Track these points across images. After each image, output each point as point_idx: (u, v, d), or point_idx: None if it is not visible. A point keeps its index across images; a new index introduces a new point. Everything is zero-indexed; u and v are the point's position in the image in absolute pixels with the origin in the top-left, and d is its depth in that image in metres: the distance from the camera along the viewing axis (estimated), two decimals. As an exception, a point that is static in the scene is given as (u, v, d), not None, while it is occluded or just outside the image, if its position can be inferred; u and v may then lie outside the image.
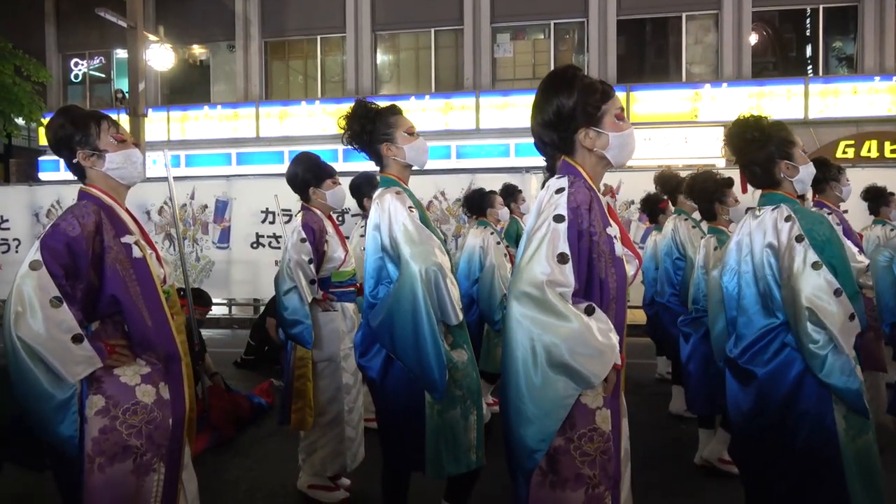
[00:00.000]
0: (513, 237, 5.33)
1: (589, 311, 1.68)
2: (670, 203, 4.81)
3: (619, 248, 1.80)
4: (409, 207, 2.34)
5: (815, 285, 2.12)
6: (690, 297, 3.70)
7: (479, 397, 2.45)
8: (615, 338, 1.70)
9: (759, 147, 2.35)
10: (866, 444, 2.19)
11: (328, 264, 3.23)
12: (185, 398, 2.07)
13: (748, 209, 3.35)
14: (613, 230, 1.81)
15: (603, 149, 1.82)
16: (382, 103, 2.56)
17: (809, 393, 2.19)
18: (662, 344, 5.23)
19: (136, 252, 2.03)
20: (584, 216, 1.73)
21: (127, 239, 2.02)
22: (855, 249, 3.34)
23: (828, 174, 3.93)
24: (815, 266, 2.14)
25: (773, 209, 2.30)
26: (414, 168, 2.53)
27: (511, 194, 5.50)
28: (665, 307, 4.31)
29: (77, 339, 1.84)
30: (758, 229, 2.32)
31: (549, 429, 1.70)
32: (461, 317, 2.37)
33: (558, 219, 1.71)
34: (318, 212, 3.29)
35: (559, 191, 1.76)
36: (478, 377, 2.47)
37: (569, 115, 1.81)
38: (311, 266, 3.13)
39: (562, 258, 1.67)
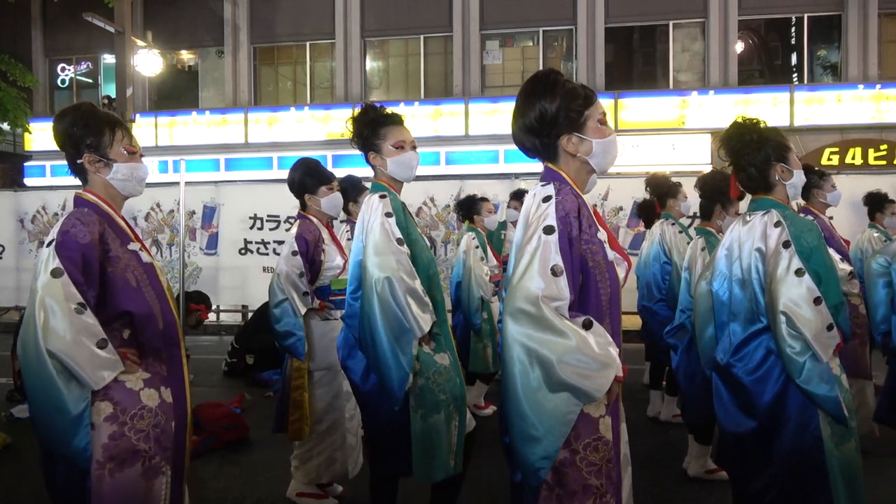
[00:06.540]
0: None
1: (587, 325, 1.65)
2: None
3: (610, 253, 1.79)
4: (387, 213, 2.34)
5: (795, 292, 2.12)
6: (680, 301, 3.69)
7: (463, 403, 2.42)
8: (614, 350, 1.67)
9: (756, 149, 2.36)
10: (850, 452, 2.19)
11: (327, 272, 3.18)
12: (187, 401, 2.08)
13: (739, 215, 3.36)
14: (602, 234, 1.80)
15: (587, 155, 1.80)
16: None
17: (793, 400, 2.18)
18: (649, 348, 5.23)
19: (146, 257, 2.05)
20: (574, 224, 1.71)
21: (133, 246, 2.03)
22: (838, 257, 3.36)
23: (810, 181, 3.96)
24: (798, 273, 2.13)
25: (763, 214, 2.30)
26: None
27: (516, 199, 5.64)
28: (652, 312, 4.30)
29: (102, 345, 1.86)
30: (748, 234, 2.31)
31: (553, 446, 1.67)
32: (425, 328, 2.27)
33: (548, 230, 1.67)
34: (315, 219, 3.24)
35: (546, 199, 1.73)
36: (461, 382, 2.43)
37: (551, 121, 1.78)
38: (303, 279, 3.08)
39: (555, 271, 1.64)
